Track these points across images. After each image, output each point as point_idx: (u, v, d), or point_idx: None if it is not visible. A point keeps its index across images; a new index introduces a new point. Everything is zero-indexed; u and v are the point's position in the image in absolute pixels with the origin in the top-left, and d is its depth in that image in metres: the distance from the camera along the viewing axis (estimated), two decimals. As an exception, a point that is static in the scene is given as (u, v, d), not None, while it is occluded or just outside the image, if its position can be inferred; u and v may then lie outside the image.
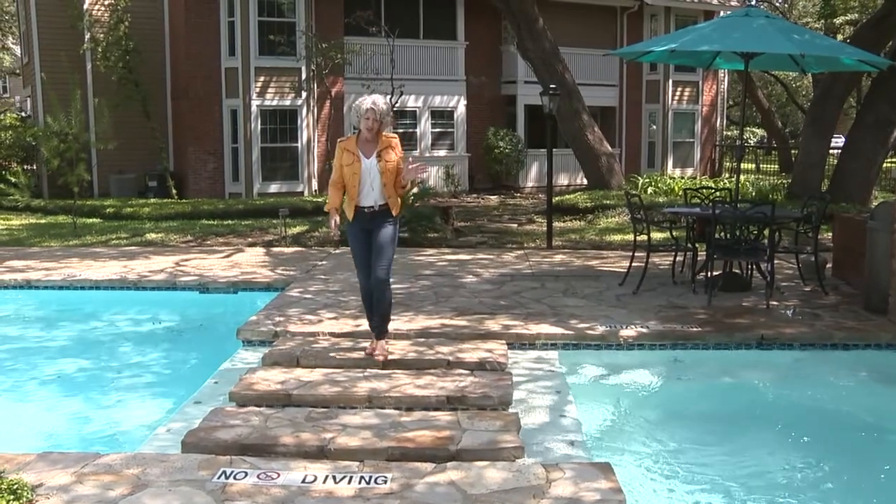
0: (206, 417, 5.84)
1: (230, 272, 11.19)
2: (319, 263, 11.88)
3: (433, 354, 7.18)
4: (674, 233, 10.96)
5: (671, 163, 27.95)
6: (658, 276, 10.40)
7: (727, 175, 27.80)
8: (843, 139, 21.51)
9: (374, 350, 7.12)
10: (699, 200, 11.14)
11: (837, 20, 26.68)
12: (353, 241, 7.12)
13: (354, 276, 7.73)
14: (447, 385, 6.45)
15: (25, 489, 4.61)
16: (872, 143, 17.64)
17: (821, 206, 10.13)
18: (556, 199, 16.73)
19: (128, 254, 12.94)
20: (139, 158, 22.63)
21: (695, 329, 8.03)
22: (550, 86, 14.17)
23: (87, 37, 22.26)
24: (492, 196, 23.36)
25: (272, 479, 4.86)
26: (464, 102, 24.69)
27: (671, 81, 27.71)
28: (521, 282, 10.44)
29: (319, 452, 5.30)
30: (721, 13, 26.54)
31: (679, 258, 10.53)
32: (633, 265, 10.16)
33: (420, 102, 24.05)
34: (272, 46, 21.51)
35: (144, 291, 10.50)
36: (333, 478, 4.89)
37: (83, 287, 10.58)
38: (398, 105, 20.65)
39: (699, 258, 10.01)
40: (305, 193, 22.26)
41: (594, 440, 6.01)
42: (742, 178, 16.60)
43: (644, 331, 7.94)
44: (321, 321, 8.18)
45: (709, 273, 9.50)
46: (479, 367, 6.91)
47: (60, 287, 10.61)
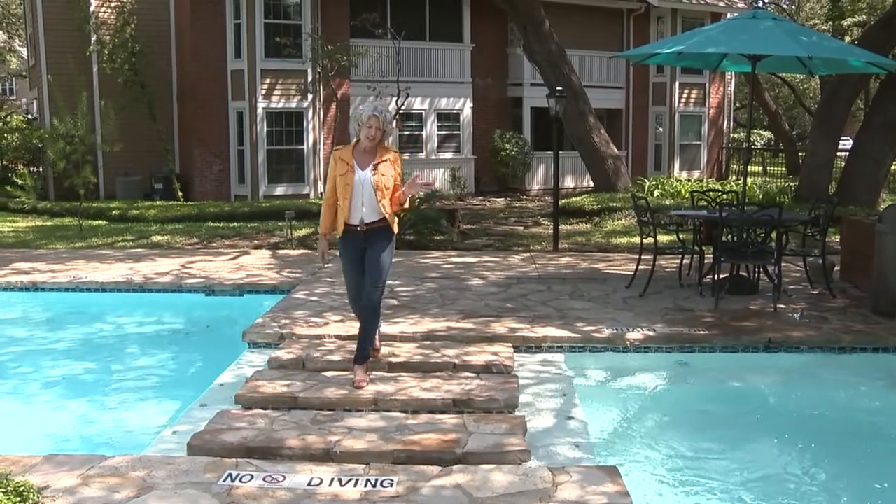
0: (212, 420, 5.83)
1: (236, 274, 11.19)
2: (325, 266, 11.84)
3: (439, 357, 7.16)
4: (681, 235, 10.95)
5: (678, 165, 27.91)
6: (665, 279, 10.37)
7: (734, 177, 27.79)
8: (851, 141, 21.44)
9: (362, 382, 6.50)
10: (706, 203, 11.12)
11: (845, 22, 26.60)
12: (344, 262, 6.67)
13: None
14: (453, 388, 6.44)
15: (31, 491, 4.62)
16: (880, 146, 17.57)
17: (828, 209, 10.10)
18: (563, 202, 16.72)
19: (133, 256, 12.94)
20: (145, 160, 22.64)
21: (702, 332, 8.00)
22: (557, 88, 14.14)
23: (94, 39, 22.30)
24: (498, 198, 23.35)
25: (278, 482, 4.86)
26: (470, 105, 24.68)
27: (678, 84, 27.66)
28: (528, 284, 10.42)
29: (325, 455, 5.29)
30: (728, 15, 26.51)
31: (686, 261, 10.48)
32: (640, 268, 10.13)
33: (426, 105, 24.05)
34: (278, 49, 21.51)
35: (150, 293, 10.49)
36: (339, 481, 4.88)
37: (89, 289, 10.58)
38: (404, 107, 20.65)
39: (706, 261, 9.98)
40: (311, 196, 22.26)
41: (601, 443, 5.99)
42: (749, 181, 16.61)
43: (651, 334, 7.92)
44: (327, 324, 8.17)
45: (716, 276, 9.47)
46: (486, 370, 6.90)
47: (66, 289, 10.60)
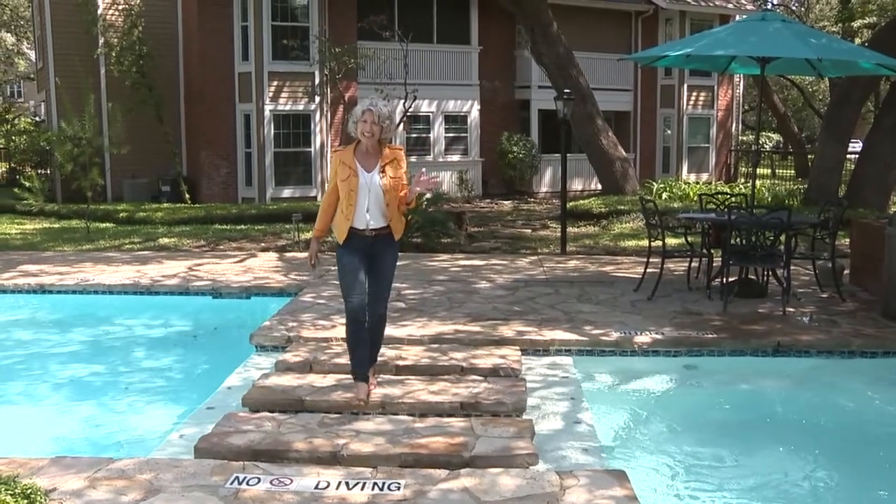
0: (219, 423, 5.83)
1: (243, 277, 11.19)
2: (332, 268, 11.79)
3: (447, 360, 7.15)
4: (689, 238, 10.90)
5: (686, 168, 27.84)
6: (673, 283, 10.34)
7: (743, 180, 27.71)
8: (861, 144, 21.36)
9: (371, 386, 6.32)
10: (714, 206, 11.10)
11: (855, 23, 26.45)
12: (346, 265, 6.17)
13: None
14: (461, 391, 6.42)
15: (39, 494, 4.61)
16: (891, 148, 17.51)
17: (838, 212, 10.06)
18: (570, 205, 16.67)
19: (141, 258, 12.95)
20: (152, 163, 22.65)
21: (710, 336, 7.97)
22: (564, 90, 14.13)
23: (101, 41, 22.32)
24: (505, 201, 23.32)
25: (285, 485, 4.84)
26: (477, 107, 24.66)
27: (686, 86, 27.59)
28: (535, 287, 10.39)
29: (332, 458, 5.28)
30: (737, 17, 26.42)
31: (694, 264, 10.46)
32: (648, 271, 10.10)
33: (433, 107, 24.04)
34: (285, 51, 21.51)
35: (157, 296, 10.49)
36: (346, 484, 4.87)
37: (96, 292, 10.59)
38: (412, 110, 20.63)
39: (714, 264, 9.94)
40: (319, 198, 22.23)
41: (609, 447, 5.97)
42: (758, 184, 16.53)
43: (659, 337, 7.89)
44: (334, 326, 8.15)
45: (724, 279, 9.44)
46: (493, 374, 6.88)
47: (74, 291, 10.60)
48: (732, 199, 11.49)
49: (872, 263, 9.68)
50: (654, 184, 22.56)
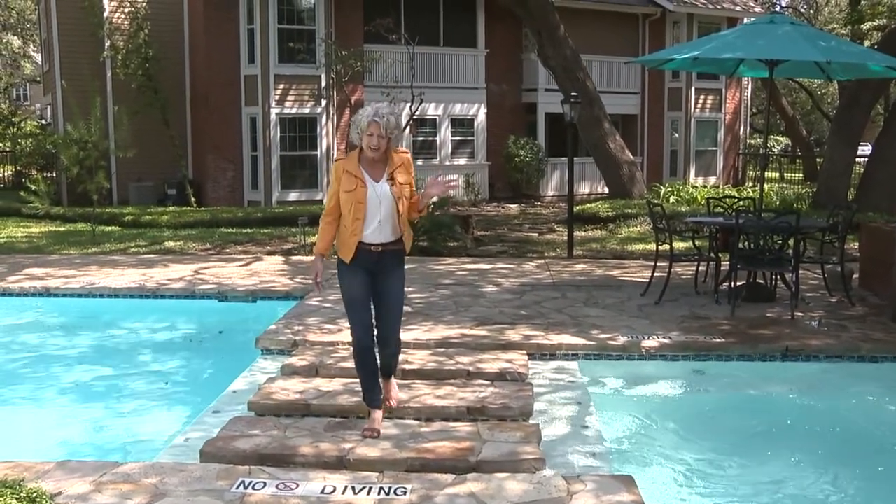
0: (225, 427, 5.81)
1: (249, 281, 11.18)
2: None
3: (453, 364, 7.12)
4: (696, 242, 10.85)
5: (694, 171, 27.78)
6: (680, 287, 10.29)
7: (751, 184, 27.61)
8: (870, 147, 21.28)
9: (388, 399, 5.98)
10: (722, 210, 11.05)
11: (865, 25, 26.35)
12: (351, 287, 5.75)
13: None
14: (467, 395, 6.39)
15: (44, 497, 4.61)
16: (901, 151, 17.45)
17: (847, 216, 10.01)
18: (577, 208, 16.66)
19: (146, 262, 12.95)
20: (158, 166, 22.67)
21: (718, 340, 7.93)
22: (571, 94, 14.11)
23: (108, 44, 22.33)
24: (512, 205, 23.31)
25: (291, 490, 4.83)
26: (484, 110, 24.64)
27: (694, 89, 27.53)
28: (542, 291, 10.36)
29: (339, 463, 5.25)
30: (745, 20, 26.36)
31: (702, 268, 10.42)
32: (656, 275, 10.07)
33: (440, 110, 24.03)
34: (292, 54, 21.51)
35: (163, 300, 10.49)
36: (353, 488, 4.85)
37: (102, 295, 10.58)
38: (418, 113, 20.63)
39: (722, 268, 9.90)
40: (325, 202, 22.24)
41: (616, 452, 5.93)
42: (766, 187, 16.47)
43: (666, 341, 7.85)
44: (340, 330, 8.11)
45: (732, 283, 9.39)
46: (500, 378, 6.85)
47: (79, 295, 10.60)
48: (740, 203, 11.45)
49: (882, 267, 9.63)
50: (662, 187, 22.51)
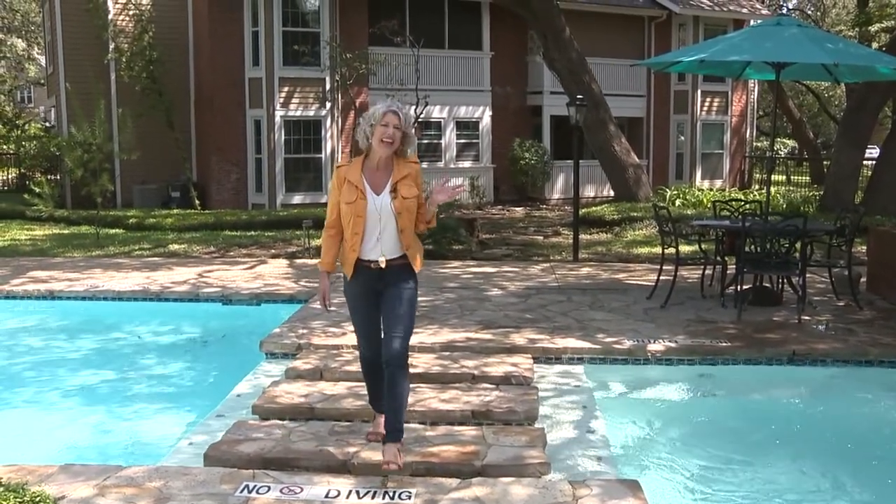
0: (229, 430, 5.79)
1: (253, 284, 11.16)
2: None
3: (458, 368, 7.09)
4: (702, 246, 10.81)
5: (700, 174, 27.75)
6: (686, 290, 10.25)
7: (757, 187, 27.60)
8: (878, 150, 21.22)
9: (384, 456, 5.11)
10: (729, 213, 11.01)
11: (873, 27, 26.26)
12: (356, 307, 5.40)
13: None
14: (472, 399, 6.37)
15: (47, 501, 4.61)
16: (909, 154, 17.40)
17: (854, 219, 9.97)
18: (583, 211, 16.62)
19: (150, 265, 12.94)
20: (162, 169, 22.70)
21: (724, 344, 7.89)
22: (577, 96, 14.08)
23: (112, 47, 22.38)
24: (517, 208, 23.28)
25: (295, 494, 4.81)
26: (489, 113, 24.63)
27: (700, 92, 27.52)
28: (547, 295, 10.33)
29: (343, 467, 5.23)
30: (751, 22, 26.36)
31: (708, 272, 10.36)
32: (661, 278, 10.02)
33: (445, 113, 24.02)
34: (296, 56, 21.54)
35: (167, 303, 10.48)
36: (357, 493, 4.83)
37: (106, 298, 10.57)
38: (423, 116, 20.62)
39: (728, 272, 9.86)
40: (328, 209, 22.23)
41: (622, 456, 5.90)
42: (773, 190, 16.44)
43: (672, 345, 7.81)
44: (345, 334, 8.08)
45: (738, 287, 9.35)
46: (505, 382, 6.82)
47: (83, 298, 10.60)
48: (747, 206, 11.41)
49: (890, 271, 9.60)
50: (668, 190, 22.47)
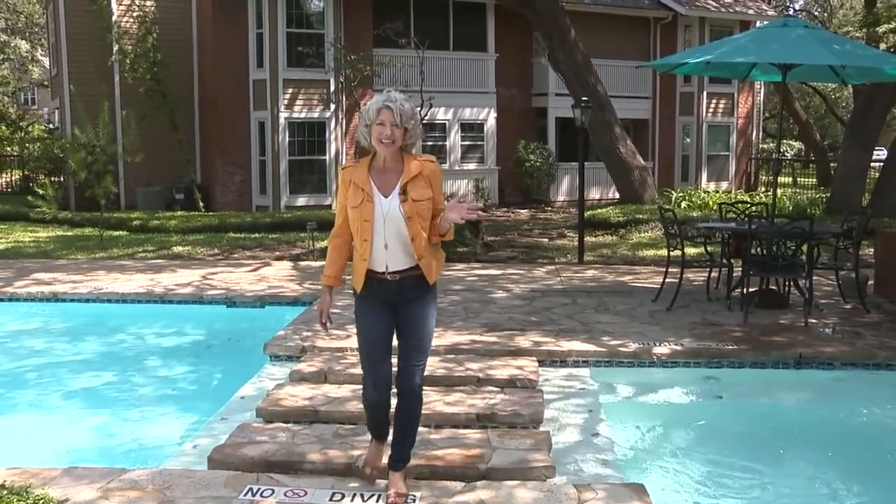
0: (233, 433, 5.77)
1: (257, 286, 11.14)
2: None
3: (463, 371, 7.07)
4: (708, 248, 10.75)
5: (705, 176, 27.68)
6: (692, 293, 10.22)
7: (763, 189, 27.50)
8: (886, 152, 21.15)
9: (389, 488, 4.76)
10: (735, 215, 10.99)
11: (880, 28, 26.13)
12: (366, 328, 4.79)
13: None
14: (477, 402, 6.34)
15: (50, 504, 4.58)
16: (916, 156, 17.33)
17: (862, 221, 9.92)
18: (588, 214, 16.58)
19: (154, 267, 12.93)
20: (166, 170, 22.69)
21: (730, 347, 7.86)
22: (582, 98, 14.04)
23: (116, 48, 22.40)
24: (522, 210, 23.25)
25: (299, 497, 4.79)
26: (494, 115, 24.59)
27: (705, 93, 27.45)
28: (552, 297, 10.30)
29: (347, 470, 5.20)
30: (758, 23, 26.30)
31: (714, 274, 10.34)
32: (667, 281, 10.00)
33: (450, 115, 23.99)
34: (301, 58, 21.54)
35: (171, 305, 10.47)
36: (361, 496, 4.82)
37: (109, 300, 10.57)
38: (427, 117, 20.60)
39: (735, 274, 9.83)
40: (333, 206, 22.23)
41: (627, 460, 5.88)
42: (779, 192, 16.37)
43: (678, 348, 7.79)
44: (349, 336, 8.05)
45: (745, 289, 9.32)
46: (510, 385, 6.80)
47: (87, 300, 10.60)
48: (753, 208, 11.39)
49: (897, 274, 9.55)
50: (673, 192, 22.42)
